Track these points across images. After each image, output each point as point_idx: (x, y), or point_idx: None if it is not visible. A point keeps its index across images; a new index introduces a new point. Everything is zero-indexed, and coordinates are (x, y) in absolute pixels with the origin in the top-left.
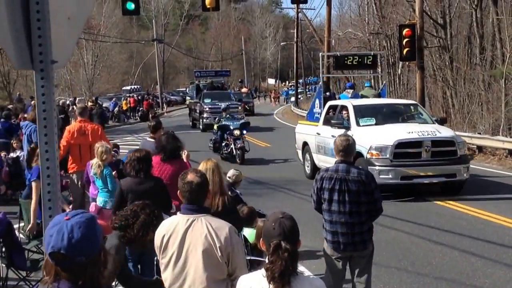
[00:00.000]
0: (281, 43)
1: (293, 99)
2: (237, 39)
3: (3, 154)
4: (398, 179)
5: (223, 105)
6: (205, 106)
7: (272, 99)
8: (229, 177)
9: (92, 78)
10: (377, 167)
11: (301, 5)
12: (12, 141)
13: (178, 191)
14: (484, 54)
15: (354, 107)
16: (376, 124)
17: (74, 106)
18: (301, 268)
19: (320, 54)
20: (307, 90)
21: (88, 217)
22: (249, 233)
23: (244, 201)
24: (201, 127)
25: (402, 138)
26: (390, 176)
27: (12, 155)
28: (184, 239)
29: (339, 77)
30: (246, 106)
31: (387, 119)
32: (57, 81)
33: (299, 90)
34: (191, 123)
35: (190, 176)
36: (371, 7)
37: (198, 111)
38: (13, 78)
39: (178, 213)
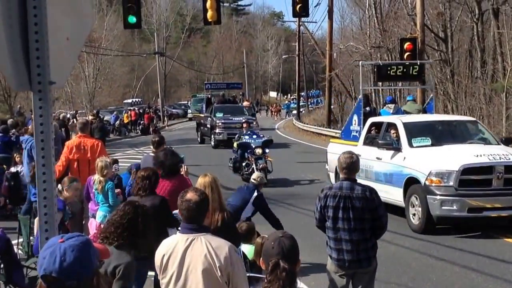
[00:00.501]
0: (283, 56)
1: (295, 112)
2: (239, 52)
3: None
4: (464, 211)
5: (242, 119)
6: (217, 121)
7: (273, 113)
8: (254, 179)
9: (93, 91)
10: (438, 197)
11: (302, 18)
12: (15, 155)
13: (178, 209)
14: (485, 68)
15: (405, 124)
16: (432, 144)
17: (75, 120)
18: (300, 285)
19: (360, 63)
20: (309, 103)
21: (83, 240)
22: (248, 249)
23: (266, 202)
24: (212, 143)
25: (469, 163)
26: (454, 207)
27: (12, 169)
28: (184, 258)
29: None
30: None
31: (443, 139)
32: (58, 94)
33: (301, 103)
34: (199, 138)
35: (189, 195)
36: (372, 21)
37: (209, 126)
38: (14, 91)
39: (177, 232)
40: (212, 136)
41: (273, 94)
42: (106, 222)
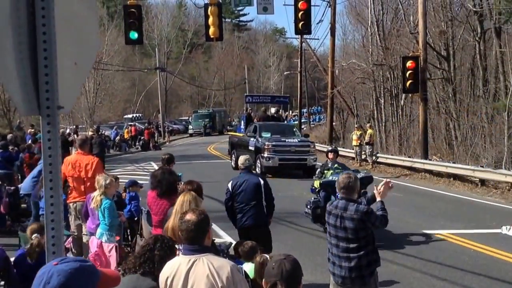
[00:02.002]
0: (285, 73)
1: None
2: (240, 68)
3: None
4: None
5: (297, 140)
6: (266, 143)
7: None
8: (241, 164)
9: (94, 106)
10: None
11: (305, 35)
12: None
13: (179, 232)
14: (487, 87)
15: None
16: None
17: (75, 135)
18: None
19: None
20: (310, 120)
21: (74, 266)
22: (249, 268)
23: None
24: (258, 169)
25: None
26: None
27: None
28: (187, 280)
29: None
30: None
31: None
32: None
33: (302, 120)
34: (234, 163)
35: (188, 216)
36: (374, 38)
37: (252, 148)
38: (14, 106)
39: (180, 254)
40: (259, 161)
41: (274, 110)
42: (137, 253)
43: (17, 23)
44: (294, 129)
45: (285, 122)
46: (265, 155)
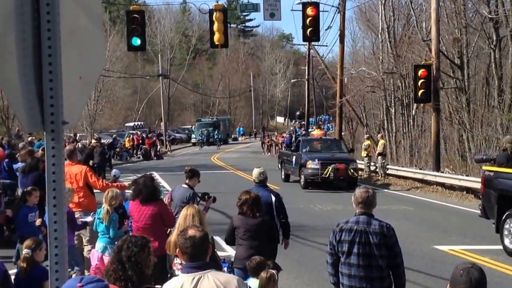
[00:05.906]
0: (292, 80)
1: None
2: (246, 75)
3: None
4: None
5: None
6: None
7: (267, 147)
8: (256, 177)
9: (94, 113)
10: None
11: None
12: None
13: (178, 249)
14: (503, 97)
15: None
16: None
17: (75, 144)
18: None
19: None
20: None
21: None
22: (254, 283)
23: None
24: None
25: None
26: None
27: None
28: None
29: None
30: (350, 170)
31: None
32: None
33: (309, 130)
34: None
35: (192, 232)
36: (385, 45)
37: None
38: (12, 113)
39: (180, 273)
40: None
41: (280, 119)
42: (110, 258)
43: (22, 36)
44: None
45: None
46: None
